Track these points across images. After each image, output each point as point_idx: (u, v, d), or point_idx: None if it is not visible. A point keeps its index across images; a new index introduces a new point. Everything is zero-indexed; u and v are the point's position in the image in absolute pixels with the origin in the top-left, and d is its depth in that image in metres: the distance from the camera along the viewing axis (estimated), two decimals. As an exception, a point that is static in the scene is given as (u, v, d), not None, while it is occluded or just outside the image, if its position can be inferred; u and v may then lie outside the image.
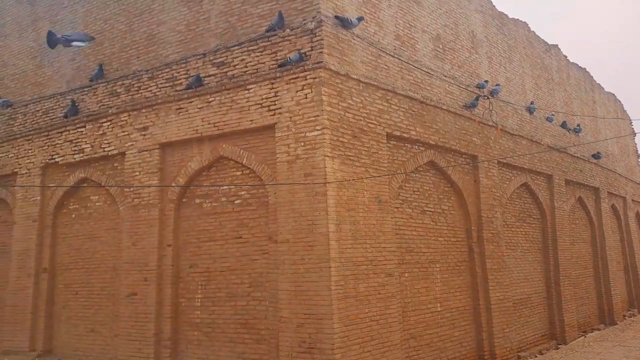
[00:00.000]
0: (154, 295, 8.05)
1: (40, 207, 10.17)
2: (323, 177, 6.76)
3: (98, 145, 9.44)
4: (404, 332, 7.38)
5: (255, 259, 7.48)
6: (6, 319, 10.01)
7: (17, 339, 9.70)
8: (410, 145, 8.41)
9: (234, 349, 7.32)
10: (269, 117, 7.45)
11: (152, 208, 8.48)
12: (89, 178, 9.70)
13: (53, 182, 10.23)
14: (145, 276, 8.24)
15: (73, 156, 9.80)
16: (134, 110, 9.00)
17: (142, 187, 8.62)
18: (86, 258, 9.47)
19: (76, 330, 9.26)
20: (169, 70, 8.79)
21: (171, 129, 8.50)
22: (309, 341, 6.40)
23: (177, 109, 8.48)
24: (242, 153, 7.82)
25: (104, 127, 9.42)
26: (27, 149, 10.66)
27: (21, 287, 9.96)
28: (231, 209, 7.93)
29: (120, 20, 9.96)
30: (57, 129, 10.16)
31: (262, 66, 7.71)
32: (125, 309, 8.30)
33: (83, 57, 10.54)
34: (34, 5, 11.77)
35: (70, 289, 9.57)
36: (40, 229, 10.08)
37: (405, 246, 7.92)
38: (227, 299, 7.59)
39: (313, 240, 6.68)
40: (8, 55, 12.15)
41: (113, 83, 9.54)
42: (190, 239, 8.23)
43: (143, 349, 7.92)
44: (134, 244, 8.52)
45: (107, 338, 8.74)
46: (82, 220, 9.75)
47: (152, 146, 8.69)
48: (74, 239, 9.78)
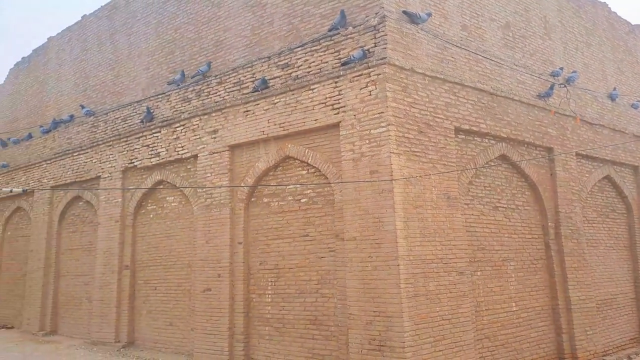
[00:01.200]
0: (226, 291, 8.37)
1: (121, 208, 10.92)
2: (389, 174, 6.68)
3: (172, 148, 9.97)
4: (477, 332, 7.12)
5: (322, 257, 7.55)
6: (94, 312, 10.86)
7: (104, 331, 10.48)
8: (480, 138, 8.09)
9: (304, 344, 7.43)
10: (333, 116, 7.49)
11: (223, 207, 8.81)
12: (164, 180, 10.26)
13: (132, 185, 10.94)
14: (218, 272, 8.58)
15: (150, 160, 10.41)
16: (205, 114, 9.40)
17: (214, 187, 8.99)
18: (164, 255, 10.04)
19: (156, 323, 9.84)
20: (236, 74, 9.08)
21: (239, 131, 8.78)
22: (379, 339, 6.35)
23: (245, 111, 8.74)
24: (307, 152, 7.92)
25: (178, 131, 9.92)
26: (108, 154, 11.48)
27: (106, 282, 10.75)
28: (297, 208, 8.06)
29: (189, 28, 10.46)
30: (135, 135, 10.85)
31: (325, 65, 7.76)
32: (201, 304, 8.70)
33: (156, 65, 11.18)
34: (112, 19, 12.66)
35: (149, 285, 10.19)
36: (122, 228, 10.83)
37: (477, 244, 7.63)
38: (296, 296, 7.73)
39: (380, 238, 6.62)
40: (90, 67, 13.17)
41: (185, 89, 10.02)
42: (259, 237, 8.47)
43: (218, 343, 8.26)
44: (207, 242, 8.90)
45: (184, 331, 9.21)
46: (159, 219, 10.34)
47: (221, 148, 9.03)
48: (152, 238, 10.40)
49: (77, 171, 12.27)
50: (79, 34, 13.72)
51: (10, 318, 13.98)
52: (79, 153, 12.29)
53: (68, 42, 14.08)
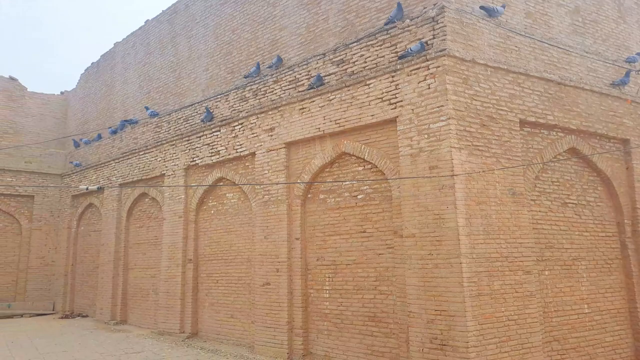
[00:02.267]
0: (285, 286, 8.52)
1: (184, 205, 11.39)
2: (450, 169, 6.51)
3: (231, 147, 10.25)
4: (546, 334, 6.79)
5: (380, 253, 7.49)
6: (160, 304, 11.42)
7: (170, 322, 11.00)
8: (547, 131, 7.68)
9: (363, 340, 7.42)
10: (390, 111, 7.39)
11: (281, 204, 8.96)
12: (224, 177, 10.59)
13: (194, 182, 11.37)
14: (277, 267, 8.75)
15: (210, 158, 10.77)
16: (262, 112, 9.59)
17: (271, 184, 9.16)
18: (224, 250, 10.37)
19: (218, 315, 10.20)
20: (292, 72, 9.19)
21: (295, 128, 8.89)
22: (440, 338, 6.22)
23: (300, 109, 8.83)
24: (364, 148, 7.87)
25: (236, 130, 10.20)
26: (172, 153, 12.00)
27: (171, 275, 11.27)
28: (354, 204, 8.04)
29: (246, 29, 10.69)
30: (196, 134, 11.26)
31: (382, 60, 7.66)
32: (260, 297, 8.91)
33: (215, 66, 11.52)
34: (173, 23, 13.18)
35: (211, 278, 10.57)
36: (185, 223, 11.30)
37: (545, 242, 7.27)
38: (354, 292, 7.73)
39: (441, 234, 6.47)
40: (153, 70, 13.79)
41: (242, 89, 10.27)
42: (316, 233, 8.53)
43: (277, 336, 8.44)
44: (266, 238, 9.09)
45: (245, 324, 9.48)
46: (220, 215, 10.68)
47: (278, 145, 9.18)
48: (213, 233, 10.77)
49: (143, 169, 12.94)
50: (143, 39, 14.41)
51: (85, 307, 15.02)
52: (145, 152, 12.94)
53: (132, 47, 14.83)
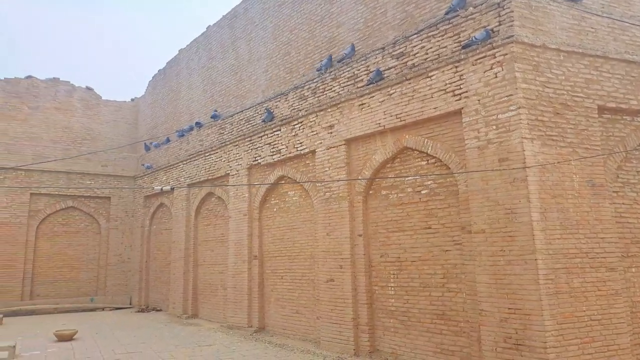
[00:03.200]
0: (349, 282, 8.53)
1: (248, 203, 11.73)
2: (521, 161, 6.20)
3: (292, 145, 10.41)
4: (635, 336, 6.30)
5: (447, 250, 7.30)
6: (229, 299, 11.84)
7: (238, 316, 11.39)
8: (631, 117, 7.10)
9: (431, 339, 7.27)
10: (454, 103, 7.16)
11: (342, 201, 8.97)
12: (285, 175, 10.78)
13: (257, 181, 11.67)
14: (340, 264, 8.78)
15: (272, 157, 11.00)
16: (321, 110, 9.65)
17: (332, 181, 9.20)
18: (288, 247, 10.56)
19: (283, 310, 10.42)
20: (350, 68, 9.15)
21: (355, 124, 8.85)
22: (515, 337, 5.96)
23: (360, 104, 8.78)
24: (427, 142, 7.69)
25: (296, 128, 10.33)
26: (235, 153, 12.39)
27: (238, 271, 11.65)
28: (418, 200, 7.88)
29: (304, 28, 10.79)
30: (258, 134, 11.55)
31: (444, 50, 7.44)
32: (325, 293, 8.99)
33: (274, 67, 11.74)
34: (233, 28, 13.58)
35: (276, 274, 10.81)
36: (250, 221, 11.63)
37: (630, 236, 6.73)
38: (420, 289, 7.59)
39: (514, 230, 6.19)
40: (215, 74, 14.30)
41: (301, 88, 10.38)
42: (379, 229, 8.46)
43: (343, 332, 8.47)
44: (328, 234, 9.15)
45: (310, 320, 9.61)
46: (282, 213, 10.89)
47: (338, 143, 9.20)
48: (276, 230, 11.00)
49: (209, 170, 13.47)
50: (205, 44, 14.97)
51: (159, 302, 15.91)
52: (210, 153, 13.46)
53: (196, 52, 15.46)
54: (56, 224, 17.26)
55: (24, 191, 16.58)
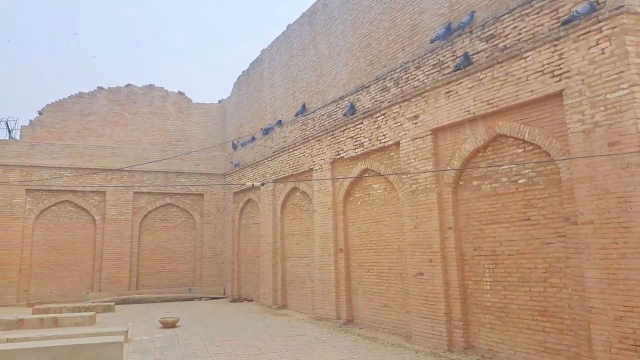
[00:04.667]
0: (440, 276, 8.30)
1: (332, 197, 11.86)
2: (636, 144, 5.60)
3: (375, 138, 10.33)
4: None
5: (549, 242, 6.82)
6: (316, 291, 12.09)
7: (326, 308, 11.59)
8: None
9: (533, 336, 6.86)
10: (553, 84, 6.65)
11: (430, 192, 8.74)
12: (369, 169, 10.73)
13: (340, 175, 11.75)
14: (429, 257, 8.58)
15: (355, 150, 11.01)
16: (404, 101, 9.45)
17: (418, 173, 8.99)
18: (374, 240, 10.52)
19: (371, 304, 10.41)
20: (435, 55, 8.86)
21: (441, 113, 8.57)
22: (633, 337, 5.42)
23: (446, 92, 8.48)
24: (523, 128, 7.23)
25: (379, 121, 10.23)
26: (318, 148, 12.57)
27: (324, 264, 11.85)
28: (514, 189, 7.44)
29: (384, 18, 10.63)
30: (340, 128, 11.61)
31: (540, 29, 6.92)
32: (414, 287, 8.84)
33: (354, 60, 11.71)
34: (312, 24, 13.75)
35: (362, 267, 10.83)
36: (334, 215, 11.76)
37: None
38: (519, 284, 7.18)
39: (628, 220, 5.62)
40: (296, 71, 14.59)
41: (383, 79, 10.25)
42: (471, 222, 8.13)
43: (435, 327, 8.28)
44: (416, 227, 8.97)
45: (400, 313, 9.51)
46: (367, 206, 10.87)
47: (424, 133, 8.96)
48: (361, 223, 11.01)
49: (292, 165, 13.81)
50: (286, 43, 15.34)
51: (250, 292, 16.69)
52: (293, 149, 13.79)
53: (277, 52, 15.90)
54: (156, 220, 18.75)
55: (128, 190, 18.21)
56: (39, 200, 17.35)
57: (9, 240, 16.63)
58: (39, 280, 16.96)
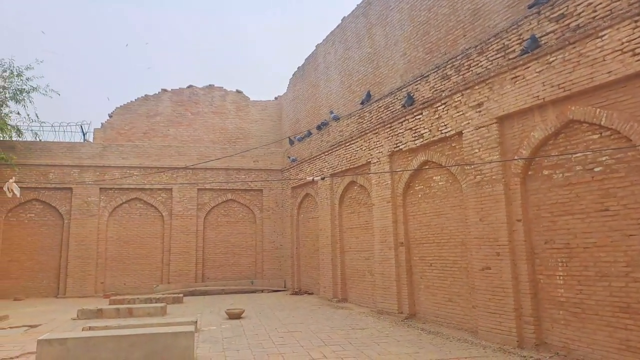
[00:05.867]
0: (508, 270, 7.97)
1: (391, 190, 11.71)
2: None
3: (435, 128, 10.07)
4: None
5: (631, 234, 6.33)
6: (377, 284, 12.02)
7: (387, 302, 11.49)
8: None
9: (614, 334, 6.42)
10: (634, 64, 6.15)
11: (496, 183, 8.40)
12: (430, 160, 10.48)
13: (399, 167, 11.57)
14: (496, 251, 8.25)
15: (414, 142, 10.79)
16: (467, 89, 9.13)
17: (483, 163, 8.66)
18: (436, 233, 10.28)
19: (434, 298, 10.20)
20: (499, 40, 8.47)
21: (507, 100, 8.19)
22: None
23: (512, 78, 8.08)
24: (599, 112, 6.74)
25: (439, 110, 9.96)
26: (375, 141, 12.45)
27: (385, 258, 11.74)
28: (590, 178, 6.98)
29: (443, 4, 10.30)
30: (398, 120, 11.42)
31: (618, 4, 6.41)
32: (480, 282, 8.55)
33: (412, 49, 11.46)
34: (367, 15, 13.60)
35: (424, 261, 10.62)
36: (394, 208, 11.60)
37: None
38: (596, 279, 6.73)
39: None
40: (352, 64, 14.51)
41: (442, 68, 9.95)
42: (542, 213, 7.72)
43: (503, 323, 7.96)
44: (481, 220, 8.66)
45: (465, 308, 9.24)
46: (428, 199, 10.63)
47: (488, 121, 8.61)
48: (422, 216, 10.79)
49: (350, 159, 13.78)
50: (341, 36, 15.29)
51: (310, 286, 16.90)
52: (350, 143, 13.75)
53: (332, 46, 15.89)
54: (219, 215, 19.44)
55: (192, 187, 19.00)
56: (112, 198, 18.52)
57: (86, 236, 17.91)
58: (113, 273, 18.15)
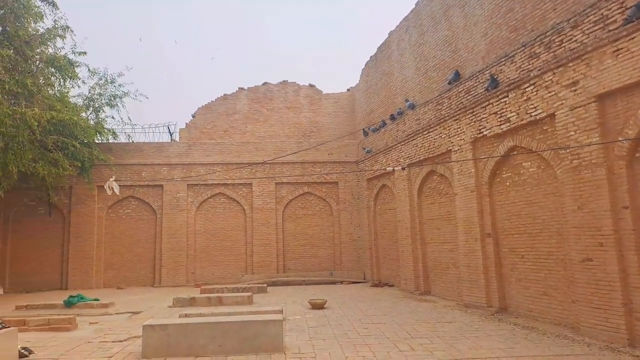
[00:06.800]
0: (614, 262, 7.30)
1: (475, 179, 11.19)
2: None
3: (523, 111, 9.44)
4: None
5: None
6: (462, 277, 11.59)
7: (475, 295, 11.04)
8: None
9: None
10: None
11: (596, 168, 7.70)
12: (517, 145, 9.86)
13: (483, 154, 11.02)
14: (599, 241, 7.58)
15: (499, 127, 10.20)
16: (559, 67, 8.44)
17: (581, 146, 7.98)
18: (527, 223, 9.67)
19: (527, 292, 9.62)
20: (596, 10, 7.72)
21: (608, 76, 7.45)
22: None
23: (614, 51, 7.34)
24: None
25: (527, 92, 9.31)
26: (456, 128, 11.95)
27: (470, 250, 11.28)
28: None
29: (529, -23, 9.58)
30: (481, 105, 10.86)
31: None
32: (581, 275, 7.91)
33: (495, 29, 10.81)
34: (444, -3, 13.04)
35: (515, 253, 10.04)
36: (478, 197, 11.09)
37: None
38: None
39: None
40: (428, 49, 14.02)
41: (530, 46, 9.28)
42: (654, 199, 6.96)
43: (610, 319, 7.32)
44: (580, 208, 8.00)
45: (563, 303, 8.62)
46: (517, 187, 10.02)
47: (586, 101, 7.90)
48: (511, 206, 10.20)
49: (428, 148, 13.38)
50: (415, 21, 14.83)
51: (390, 278, 16.74)
52: (428, 131, 13.34)
53: (406, 31, 15.47)
54: (297, 208, 19.85)
55: (270, 181, 19.57)
56: (198, 193, 19.61)
57: (176, 230, 19.15)
58: (202, 264, 19.25)
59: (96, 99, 19.58)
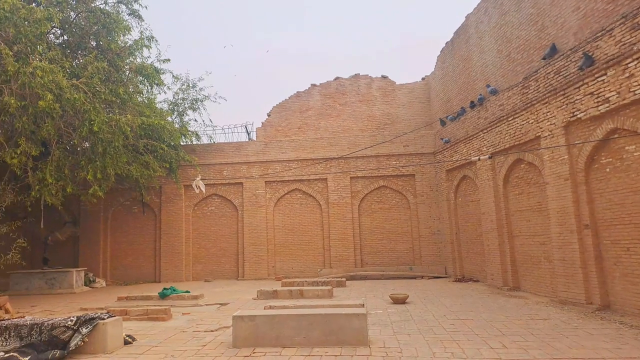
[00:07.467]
0: None
1: (569, 166, 10.33)
2: None
3: (626, 89, 8.53)
4: None
5: None
6: (557, 272, 10.78)
7: (571, 291, 10.22)
8: None
9: None
10: None
11: None
12: (619, 128, 8.94)
13: (578, 139, 10.14)
14: None
15: (597, 108, 9.32)
16: (670, 35, 7.50)
17: (700, 124, 7.03)
18: (633, 213, 8.75)
19: (635, 288, 8.71)
20: None
21: None
22: None
23: None
24: None
25: (630, 68, 8.40)
26: (545, 112, 11.11)
27: (565, 242, 10.44)
28: None
29: (629, -60, 8.62)
30: (573, 85, 9.99)
31: None
32: None
33: (588, 1, 9.88)
34: (527, -27, 12.15)
35: (619, 245, 9.14)
36: (573, 186, 10.23)
37: None
38: None
39: None
40: (510, 30, 13.17)
41: (632, 16, 8.35)
42: None
43: None
44: (700, 194, 7.06)
45: (681, 301, 7.70)
46: (619, 173, 9.10)
47: None
48: (612, 194, 9.29)
49: (513, 135, 12.58)
50: (494, 1, 13.99)
51: (474, 272, 16.04)
52: (514, 117, 12.53)
53: (485, 13, 14.65)
54: (372, 202, 19.67)
55: (345, 175, 19.56)
56: (275, 190, 20.12)
57: (257, 225, 19.82)
58: (281, 258, 19.75)
59: (180, 103, 20.81)
